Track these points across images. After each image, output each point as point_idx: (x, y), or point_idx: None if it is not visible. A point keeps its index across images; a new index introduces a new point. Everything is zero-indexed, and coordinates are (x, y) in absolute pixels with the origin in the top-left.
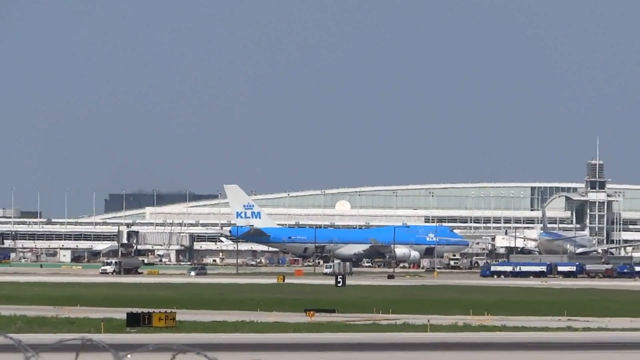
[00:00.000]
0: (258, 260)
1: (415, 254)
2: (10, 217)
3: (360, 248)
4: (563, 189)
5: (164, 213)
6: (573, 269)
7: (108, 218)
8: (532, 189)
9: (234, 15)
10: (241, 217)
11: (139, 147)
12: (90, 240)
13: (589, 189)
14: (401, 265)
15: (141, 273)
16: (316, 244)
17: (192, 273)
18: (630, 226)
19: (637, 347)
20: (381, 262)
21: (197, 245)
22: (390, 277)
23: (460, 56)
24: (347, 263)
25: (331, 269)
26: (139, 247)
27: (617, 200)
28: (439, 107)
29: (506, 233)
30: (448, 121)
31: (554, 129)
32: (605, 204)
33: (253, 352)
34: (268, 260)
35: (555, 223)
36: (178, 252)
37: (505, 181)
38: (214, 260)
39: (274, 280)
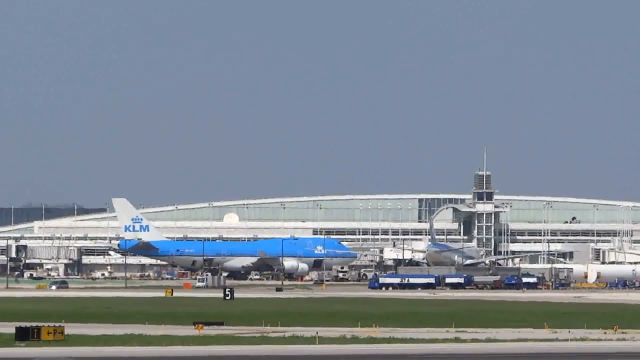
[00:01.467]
0: (142, 273)
1: (303, 266)
2: None
3: (248, 261)
4: (451, 201)
5: (53, 227)
6: (461, 280)
7: None
8: (420, 200)
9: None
10: (130, 231)
11: (27, 161)
12: None
13: (476, 200)
14: (308, 278)
15: None
16: (204, 257)
17: (53, 287)
18: (518, 237)
19: (524, 358)
20: (270, 274)
21: (86, 259)
22: (279, 289)
23: (346, 72)
24: (221, 276)
25: (204, 282)
26: (28, 261)
27: (504, 211)
28: (324, 118)
29: (394, 245)
30: (334, 133)
31: (441, 140)
32: (493, 215)
33: None
34: (157, 274)
35: (443, 234)
36: (67, 265)
37: (393, 193)
38: (103, 274)
39: (162, 294)
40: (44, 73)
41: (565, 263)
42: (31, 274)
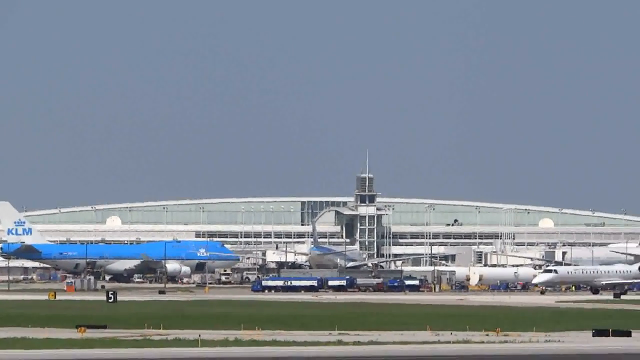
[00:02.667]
0: (26, 277)
1: (186, 269)
2: None
3: (131, 263)
4: (333, 203)
5: None
6: (344, 283)
7: None
8: (303, 203)
9: None
10: (12, 234)
11: None
12: None
13: (358, 203)
14: (191, 281)
15: None
16: (87, 260)
17: None
18: (400, 240)
19: None
20: (152, 277)
21: None
22: (162, 292)
23: (224, 75)
24: (92, 278)
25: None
26: None
27: (386, 214)
28: (205, 121)
29: (277, 248)
30: (216, 136)
31: (323, 143)
32: (375, 217)
33: None
34: (40, 277)
35: (326, 237)
36: None
37: (276, 196)
38: None
39: (45, 297)
40: None
41: (447, 265)
42: None
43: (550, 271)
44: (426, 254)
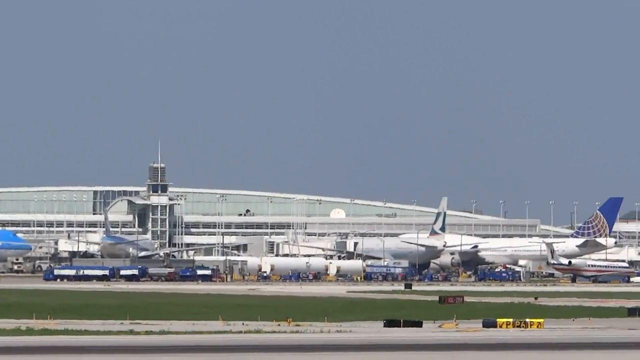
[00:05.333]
0: None
1: None
2: None
3: None
4: (125, 193)
5: None
6: (136, 272)
7: None
8: (95, 192)
9: None
10: None
11: None
12: None
13: (151, 192)
14: None
15: None
16: None
17: None
18: (193, 229)
19: (197, 350)
20: None
21: None
22: None
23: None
24: None
25: None
26: None
27: (178, 204)
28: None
29: (69, 237)
30: (4, 124)
31: (115, 131)
32: (167, 207)
33: None
34: None
35: (118, 227)
36: None
37: (68, 185)
38: None
39: None
40: None
41: (239, 255)
42: None
43: None
44: (218, 244)
